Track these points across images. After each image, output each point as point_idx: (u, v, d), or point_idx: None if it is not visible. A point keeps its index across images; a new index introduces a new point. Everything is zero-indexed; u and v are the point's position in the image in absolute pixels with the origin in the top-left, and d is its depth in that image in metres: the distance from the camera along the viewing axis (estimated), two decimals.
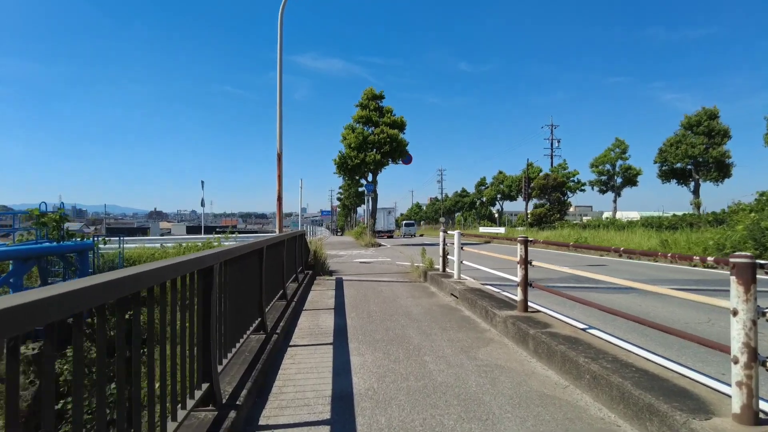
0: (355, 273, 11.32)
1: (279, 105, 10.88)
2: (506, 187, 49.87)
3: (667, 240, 13.51)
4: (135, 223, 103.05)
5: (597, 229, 19.75)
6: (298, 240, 8.83)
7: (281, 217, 10.83)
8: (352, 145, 24.31)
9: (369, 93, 25.54)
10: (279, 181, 10.82)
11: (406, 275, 10.82)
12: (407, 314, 6.10)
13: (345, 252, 19.66)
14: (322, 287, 8.68)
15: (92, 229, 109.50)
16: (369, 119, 24.84)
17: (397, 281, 9.50)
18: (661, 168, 27.14)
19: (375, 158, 24.10)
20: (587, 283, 8.75)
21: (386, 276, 10.63)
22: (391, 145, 24.18)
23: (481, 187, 60.12)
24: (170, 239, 19.14)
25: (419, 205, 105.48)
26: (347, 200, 66.23)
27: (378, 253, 18.65)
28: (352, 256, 17.03)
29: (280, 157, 10.83)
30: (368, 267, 12.88)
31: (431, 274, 8.95)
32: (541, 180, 26.86)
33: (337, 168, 25.30)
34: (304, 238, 10.08)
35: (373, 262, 14.43)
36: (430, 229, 64.10)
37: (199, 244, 15.85)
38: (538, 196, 27.54)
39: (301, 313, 6.20)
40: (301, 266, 9.52)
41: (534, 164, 47.33)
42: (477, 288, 6.92)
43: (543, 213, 25.09)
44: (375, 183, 26.15)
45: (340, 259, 15.62)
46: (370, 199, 26.61)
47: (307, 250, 11.09)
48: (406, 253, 18.41)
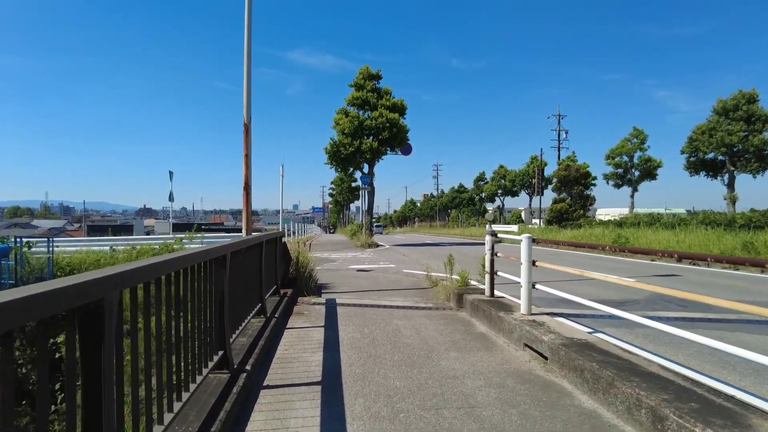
0: (353, 290, 8.27)
1: (246, 61, 7.78)
2: (509, 182, 46.98)
3: (752, 242, 10.66)
4: (118, 221, 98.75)
5: (636, 227, 16.89)
6: (268, 247, 5.79)
7: (249, 212, 7.74)
8: (345, 131, 21.21)
9: (365, 72, 22.42)
10: (246, 162, 7.73)
11: (425, 294, 7.80)
12: (469, 408, 3.05)
13: (338, 254, 16.59)
14: (303, 321, 5.61)
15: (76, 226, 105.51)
16: (365, 101, 21.73)
17: (418, 307, 6.46)
18: (689, 159, 24.41)
19: (372, 146, 21.02)
20: (694, 310, 5.92)
21: (398, 296, 7.60)
22: (391, 131, 21.10)
23: (480, 182, 57.25)
24: (123, 241, 15.96)
25: (413, 202, 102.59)
26: (339, 196, 63.06)
27: (377, 256, 15.61)
28: (346, 261, 13.97)
29: (247, 128, 7.74)
30: (370, 279, 9.83)
31: (472, 300, 5.92)
32: (562, 171, 23.93)
33: (329, 158, 22.17)
34: (280, 242, 7.02)
35: (374, 270, 11.40)
36: (426, 227, 61.20)
37: (156, 246, 12.68)
38: (558, 189, 24.64)
39: (255, 401, 3.13)
40: (275, 285, 6.47)
41: (539, 157, 44.55)
42: (585, 341, 3.85)
43: (564, 209, 22.27)
44: (372, 175, 23.07)
45: (332, 265, 12.55)
46: (366, 193, 23.54)
47: (287, 258, 8.04)
48: (411, 256, 15.37)
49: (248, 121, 7.79)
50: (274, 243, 6.46)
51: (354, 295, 7.66)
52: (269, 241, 5.99)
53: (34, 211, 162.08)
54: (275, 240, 6.53)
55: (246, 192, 7.74)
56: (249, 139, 7.80)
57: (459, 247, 20.93)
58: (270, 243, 6.08)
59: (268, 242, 5.87)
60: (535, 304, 5.19)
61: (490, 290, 5.87)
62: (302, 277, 7.77)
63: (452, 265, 7.60)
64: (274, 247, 6.51)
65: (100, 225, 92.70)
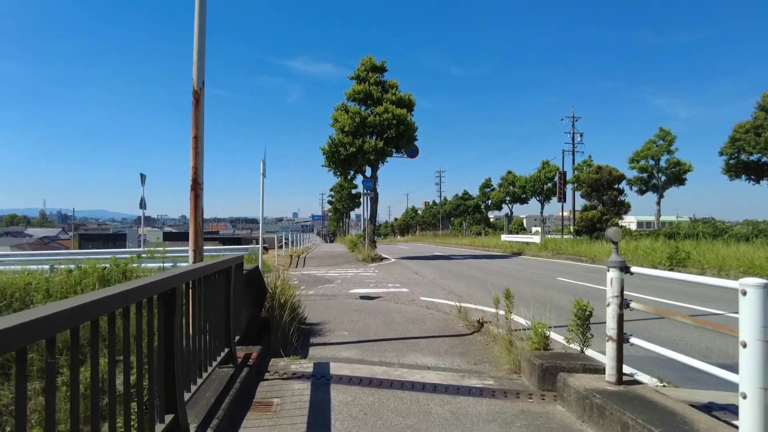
0: (358, 338, 5.58)
1: (199, 5, 5.20)
2: (519, 189, 44.32)
3: None
4: (111, 229, 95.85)
5: (693, 239, 14.26)
6: (211, 287, 3.18)
7: (199, 223, 5.09)
8: (345, 129, 18.63)
9: (368, 63, 19.90)
10: (195, 147, 5.12)
11: (467, 346, 5.14)
12: None
13: (336, 272, 13.91)
14: (269, 420, 2.94)
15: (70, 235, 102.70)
16: (368, 96, 19.17)
17: (471, 389, 3.77)
18: (728, 161, 21.85)
19: (376, 146, 18.43)
20: None
21: (428, 351, 4.94)
22: (398, 129, 18.51)
23: (487, 189, 54.58)
24: (66, 256, 13.31)
25: (415, 210, 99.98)
26: (339, 203, 60.42)
27: (384, 274, 12.94)
28: (347, 282, 11.30)
29: (198, 98, 5.14)
30: (380, 313, 7.13)
31: (582, 389, 3.19)
32: (593, 174, 21.21)
33: (327, 159, 19.57)
34: (236, 274, 4.35)
35: (383, 298, 8.73)
36: (431, 236, 58.54)
37: (106, 266, 9.99)
38: (587, 195, 21.96)
39: None
40: (226, 347, 3.82)
41: (550, 162, 42.01)
42: None
43: (596, 217, 19.58)
44: (375, 179, 20.47)
45: (328, 288, 9.88)
46: (369, 199, 20.91)
47: (258, 292, 5.39)
48: (425, 274, 12.69)
49: (199, 88, 5.18)
50: (224, 278, 3.81)
51: (359, 350, 4.99)
52: (213, 278, 3.36)
53: (30, 220, 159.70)
54: (227, 272, 3.88)
55: (194, 192, 5.11)
56: (200, 114, 5.19)
57: (477, 261, 18.25)
58: (214, 281, 3.44)
59: (211, 279, 3.26)
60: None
61: (617, 372, 3.18)
62: (279, 324, 5.09)
63: (510, 305, 4.93)
64: (225, 284, 3.87)
65: (92, 234, 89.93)
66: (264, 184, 8.38)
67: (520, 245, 22.60)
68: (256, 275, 5.47)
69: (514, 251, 21.79)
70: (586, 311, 3.92)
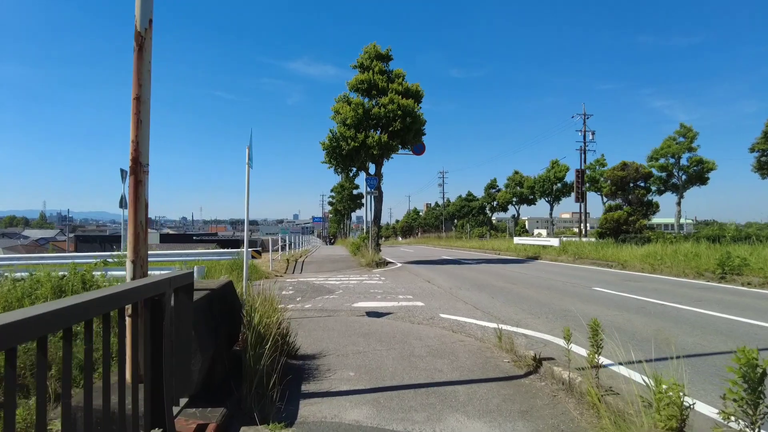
0: (367, 381, 3.98)
1: None
2: (527, 189, 42.65)
3: None
4: (107, 231, 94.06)
5: (745, 242, 12.65)
6: (140, 321, 1.61)
7: (140, 223, 3.53)
8: (347, 122, 17.07)
9: (371, 51, 18.35)
10: (135, 113, 3.56)
11: (529, 406, 3.51)
12: None
13: (338, 279, 12.33)
14: None
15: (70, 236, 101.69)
16: (372, 85, 17.62)
17: None
18: (759, 158, 20.24)
19: (380, 140, 16.86)
20: None
21: (471, 412, 3.34)
22: (404, 121, 16.95)
23: (492, 189, 52.92)
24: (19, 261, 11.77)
25: (417, 211, 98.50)
26: (340, 204, 58.86)
27: (392, 283, 11.35)
28: (349, 292, 9.71)
29: (141, 42, 3.59)
30: (394, 341, 5.52)
31: None
32: (618, 171, 19.51)
33: (327, 155, 18.00)
34: (188, 300, 2.80)
35: (394, 314, 7.15)
36: (434, 238, 56.95)
37: (64, 273, 8.42)
38: (612, 194, 20.29)
39: None
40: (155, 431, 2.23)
41: (560, 161, 40.43)
42: None
43: (622, 218, 17.92)
44: (379, 177, 18.90)
45: (328, 301, 8.29)
46: (373, 198, 19.35)
47: (234, 317, 3.84)
48: (438, 282, 11.07)
49: (144, 29, 3.64)
50: (153, 312, 2.24)
51: (372, 407, 3.41)
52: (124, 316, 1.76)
53: (30, 221, 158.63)
54: (156, 303, 2.30)
55: (135, 177, 3.56)
56: (145, 66, 3.65)
57: (491, 266, 16.66)
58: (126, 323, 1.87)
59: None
60: None
61: None
62: (254, 370, 3.51)
63: (598, 343, 3.34)
64: (154, 320, 2.30)
65: (89, 235, 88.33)
66: (249, 175, 6.81)
67: (535, 249, 20.96)
68: (224, 296, 3.90)
69: (529, 255, 20.17)
70: (757, 369, 2.35)
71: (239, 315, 4.09)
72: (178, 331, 2.75)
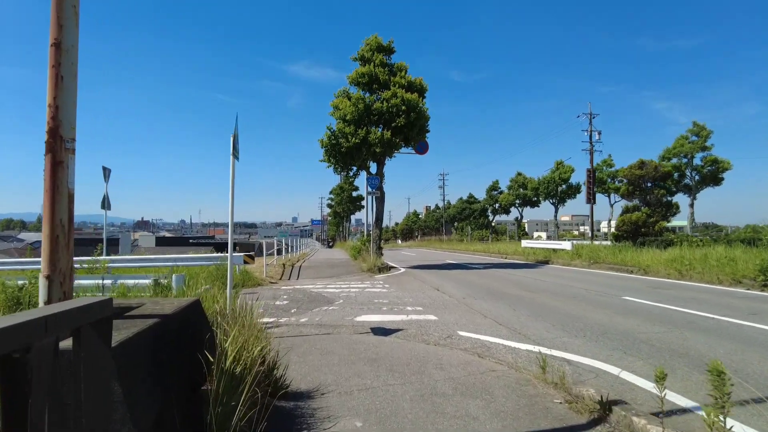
0: None
1: None
2: (530, 191, 41.62)
3: None
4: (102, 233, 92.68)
5: None
6: None
7: (57, 224, 2.50)
8: (347, 118, 16.04)
9: (373, 42, 17.35)
10: (54, 65, 2.52)
11: None
12: None
13: (337, 286, 11.27)
14: None
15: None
16: (374, 79, 16.61)
17: None
18: None
19: (383, 137, 15.84)
20: None
21: None
22: (408, 117, 15.93)
23: (494, 191, 51.92)
24: None
25: (416, 214, 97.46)
26: (339, 207, 57.78)
27: (398, 291, 10.30)
28: (350, 302, 8.64)
29: None
30: (408, 371, 4.44)
31: None
32: (635, 170, 18.45)
33: (326, 153, 16.96)
34: (103, 342, 1.79)
35: (405, 332, 6.09)
36: (435, 241, 55.92)
37: (14, 282, 7.37)
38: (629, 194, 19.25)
39: None
40: None
41: (565, 162, 39.44)
42: None
43: (641, 219, 16.87)
44: (381, 176, 17.88)
45: (326, 315, 7.22)
46: (374, 199, 18.32)
47: (195, 363, 2.77)
48: (448, 290, 10.00)
49: None
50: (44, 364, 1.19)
51: None
52: None
53: (27, 224, 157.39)
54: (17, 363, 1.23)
55: (51, 156, 2.52)
56: (66, 3, 2.61)
57: (501, 271, 15.62)
58: None
59: None
60: None
61: None
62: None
63: (724, 399, 2.28)
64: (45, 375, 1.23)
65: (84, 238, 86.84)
66: (234, 167, 5.77)
67: (545, 252, 19.93)
68: (183, 325, 2.84)
69: (539, 259, 19.12)
70: None
71: (209, 346, 3.05)
72: (84, 394, 1.71)
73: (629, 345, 5.27)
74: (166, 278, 7.33)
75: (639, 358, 4.77)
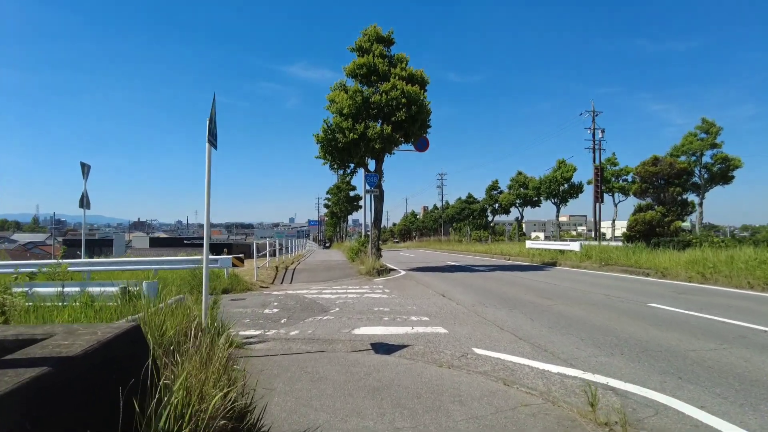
0: None
1: None
2: (531, 190, 40.80)
3: None
4: (96, 235, 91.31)
5: None
6: None
7: None
8: (344, 112, 15.16)
9: (372, 33, 16.46)
10: None
11: None
12: None
13: (333, 291, 10.37)
14: None
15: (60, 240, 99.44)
16: (372, 70, 15.73)
17: None
18: None
19: (383, 132, 14.96)
20: None
21: None
22: (409, 110, 15.06)
23: (494, 191, 51.10)
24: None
25: (414, 214, 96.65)
26: (336, 207, 56.84)
27: (400, 297, 9.41)
28: (347, 310, 7.74)
29: None
30: (422, 407, 3.53)
31: None
32: (649, 167, 17.54)
33: (321, 148, 16.07)
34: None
35: (411, 347, 5.20)
36: (434, 241, 55.08)
37: None
38: (642, 192, 18.40)
39: None
40: None
41: (567, 161, 38.65)
42: None
43: (655, 219, 16.01)
44: (380, 174, 17.00)
45: (319, 326, 6.32)
46: (373, 198, 17.43)
47: (117, 407, 1.86)
48: (454, 295, 9.11)
49: None
50: None
51: None
52: None
53: (22, 225, 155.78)
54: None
55: None
56: None
57: (508, 274, 14.76)
58: None
59: None
60: None
61: None
62: None
63: None
64: None
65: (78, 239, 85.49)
66: (211, 155, 4.87)
67: (552, 254, 19.07)
68: (110, 361, 1.94)
69: (545, 261, 18.27)
70: None
71: (150, 393, 2.16)
72: None
73: (681, 367, 4.40)
74: (137, 286, 6.41)
75: (700, 385, 3.91)
